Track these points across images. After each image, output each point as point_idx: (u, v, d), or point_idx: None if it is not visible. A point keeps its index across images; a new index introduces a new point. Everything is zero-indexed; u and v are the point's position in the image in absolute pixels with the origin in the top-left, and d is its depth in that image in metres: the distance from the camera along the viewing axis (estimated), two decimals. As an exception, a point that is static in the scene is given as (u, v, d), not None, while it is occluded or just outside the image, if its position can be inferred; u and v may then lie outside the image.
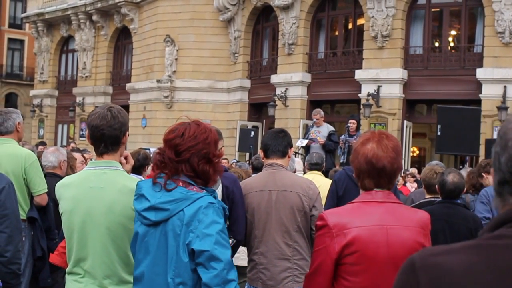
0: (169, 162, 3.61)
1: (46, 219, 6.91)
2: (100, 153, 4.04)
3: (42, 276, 6.83)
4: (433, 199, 6.78)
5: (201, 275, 3.44)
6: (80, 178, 4.14)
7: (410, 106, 24.64)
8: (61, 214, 4.11)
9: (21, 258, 4.30)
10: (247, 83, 29.76)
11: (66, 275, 4.15)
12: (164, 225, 3.55)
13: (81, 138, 36.61)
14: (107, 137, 3.97)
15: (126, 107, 32.37)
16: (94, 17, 36.32)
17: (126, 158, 4.21)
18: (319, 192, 5.61)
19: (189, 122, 3.72)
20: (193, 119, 3.77)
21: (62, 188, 4.16)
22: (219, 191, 5.17)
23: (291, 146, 5.75)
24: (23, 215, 6.48)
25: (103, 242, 3.93)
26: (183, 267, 3.46)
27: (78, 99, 38.05)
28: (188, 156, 3.57)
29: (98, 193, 3.95)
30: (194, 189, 3.58)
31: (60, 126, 41.46)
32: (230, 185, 5.36)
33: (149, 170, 6.99)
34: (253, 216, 5.51)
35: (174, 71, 30.88)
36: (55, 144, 36.57)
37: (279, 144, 5.61)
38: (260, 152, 5.87)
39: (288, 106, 26.75)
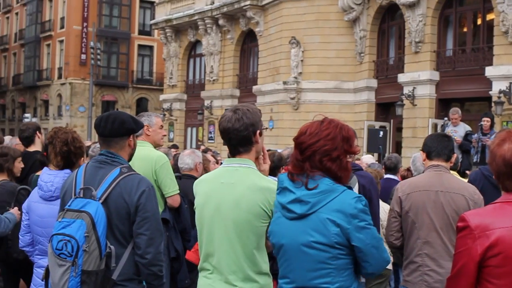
0: (296, 162, 3.60)
1: (181, 221, 7.01)
2: (232, 154, 4.12)
3: (180, 277, 6.94)
4: None
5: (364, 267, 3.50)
6: (214, 174, 4.26)
7: (545, 102, 23.71)
8: (195, 208, 4.23)
9: (162, 260, 4.36)
10: (374, 83, 29.47)
11: (199, 271, 4.24)
12: (309, 217, 3.51)
13: (209, 141, 37.25)
14: (234, 140, 4.05)
15: (253, 109, 32.63)
16: (220, 22, 36.85)
17: (263, 158, 4.25)
18: (483, 198, 5.48)
19: (319, 120, 3.67)
20: (325, 117, 3.70)
21: (198, 184, 4.29)
22: (355, 190, 5.12)
23: (454, 152, 5.75)
24: (156, 217, 6.63)
25: (229, 237, 3.99)
26: (326, 259, 3.46)
27: (206, 103, 38.73)
28: (309, 154, 3.54)
29: (228, 188, 4.02)
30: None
31: (189, 129, 42.29)
32: (367, 184, 5.31)
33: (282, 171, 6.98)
34: (416, 216, 5.44)
35: (300, 73, 30.93)
36: (185, 147, 37.35)
37: (445, 147, 5.63)
38: (421, 154, 5.82)
39: (416, 105, 26.29)
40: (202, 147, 21.51)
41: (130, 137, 4.49)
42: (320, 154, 3.53)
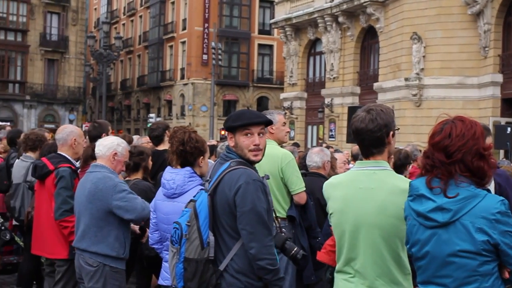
0: (441, 165, 3.49)
1: (307, 218, 7.03)
2: (366, 155, 4.06)
3: (306, 274, 6.95)
4: None
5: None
6: (349, 178, 4.16)
7: None
8: (331, 214, 4.18)
9: (272, 253, 4.28)
10: (499, 78, 28.66)
11: (335, 273, 4.19)
12: (452, 225, 3.41)
13: (330, 139, 37.15)
14: (367, 141, 3.98)
15: (374, 107, 32.39)
16: (340, 19, 36.77)
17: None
18: None
19: (452, 119, 3.60)
20: (455, 116, 3.64)
21: (331, 188, 4.23)
22: (491, 188, 4.98)
23: None
24: (283, 214, 6.68)
25: (375, 242, 3.92)
26: (473, 266, 3.37)
27: (327, 100, 38.69)
28: (460, 156, 3.45)
29: (369, 194, 3.95)
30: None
31: (309, 127, 42.41)
32: (503, 182, 5.13)
33: (409, 169, 6.89)
34: None
35: (422, 69, 30.48)
36: (305, 145, 37.43)
37: None
38: None
39: (544, 100, 25.43)
40: (324, 145, 21.47)
41: (229, 134, 4.51)
42: (471, 154, 3.46)
